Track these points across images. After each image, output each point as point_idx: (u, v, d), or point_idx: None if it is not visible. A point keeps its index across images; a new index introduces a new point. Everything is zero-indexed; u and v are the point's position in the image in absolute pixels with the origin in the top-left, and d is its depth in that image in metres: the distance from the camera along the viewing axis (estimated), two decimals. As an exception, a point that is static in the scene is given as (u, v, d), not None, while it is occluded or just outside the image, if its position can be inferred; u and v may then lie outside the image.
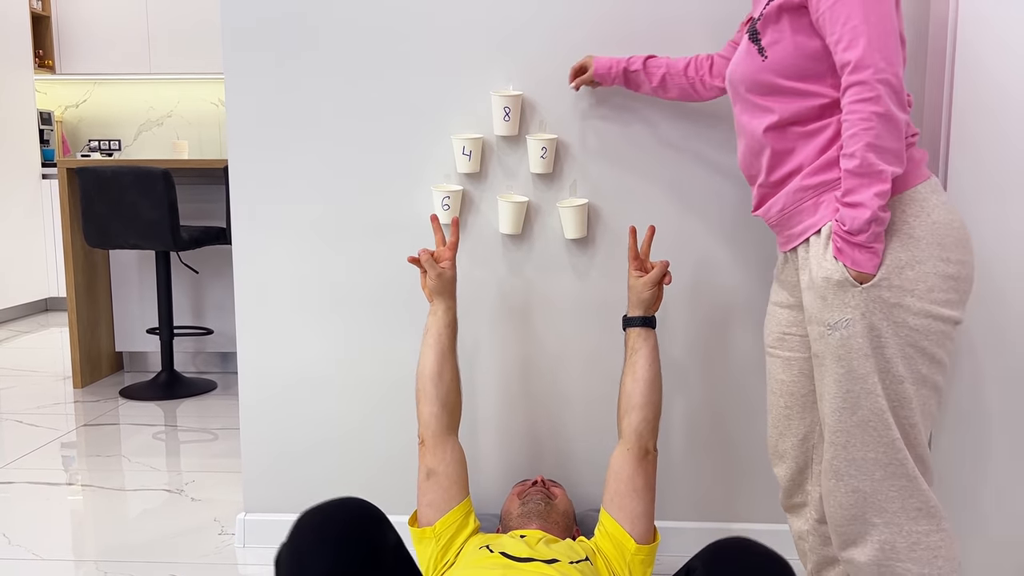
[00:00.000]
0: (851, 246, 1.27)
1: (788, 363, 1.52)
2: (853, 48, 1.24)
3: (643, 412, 1.69)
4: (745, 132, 1.45)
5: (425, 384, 1.75)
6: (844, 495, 1.35)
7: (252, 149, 2.00)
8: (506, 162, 1.96)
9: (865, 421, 1.31)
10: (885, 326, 1.27)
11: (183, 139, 5.97)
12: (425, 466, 1.73)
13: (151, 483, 2.56)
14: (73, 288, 3.61)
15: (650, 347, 1.73)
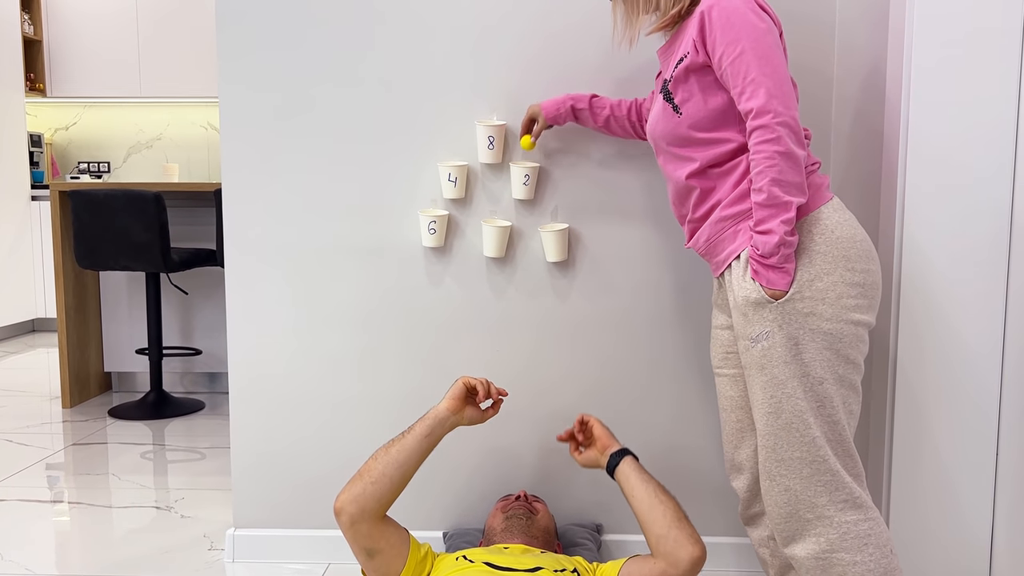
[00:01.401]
0: (765, 267, 1.41)
1: (734, 379, 1.64)
2: (754, 98, 1.40)
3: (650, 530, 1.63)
4: (672, 179, 1.60)
5: (388, 469, 1.64)
6: (778, 494, 1.46)
7: (245, 174, 2.07)
8: (490, 188, 2.04)
9: (789, 423, 1.43)
10: (802, 334, 1.41)
11: (172, 162, 6.03)
12: (360, 548, 1.63)
13: (140, 500, 2.60)
14: (63, 308, 3.66)
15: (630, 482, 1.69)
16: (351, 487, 1.64)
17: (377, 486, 1.62)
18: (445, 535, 2.09)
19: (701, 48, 1.46)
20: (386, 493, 1.63)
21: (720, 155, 1.49)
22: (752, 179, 1.42)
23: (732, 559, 2.10)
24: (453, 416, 1.70)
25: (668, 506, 1.62)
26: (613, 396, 2.09)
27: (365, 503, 1.61)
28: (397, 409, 2.11)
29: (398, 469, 1.64)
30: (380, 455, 1.67)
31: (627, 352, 2.08)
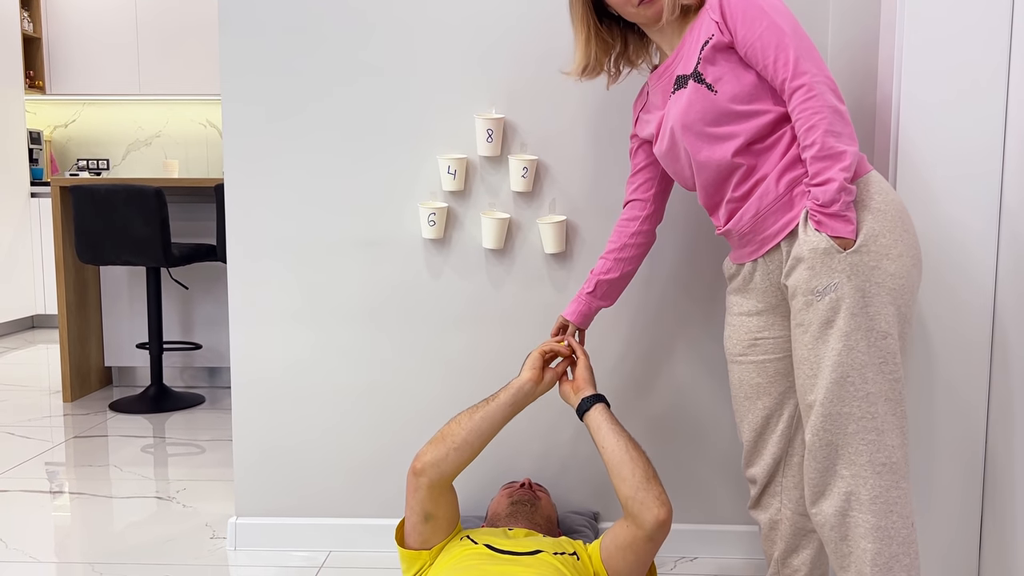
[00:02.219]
0: (828, 216, 1.39)
1: (762, 366, 1.60)
2: (788, 63, 1.40)
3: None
4: (708, 166, 1.53)
5: (470, 436, 1.67)
6: (820, 449, 1.44)
7: (247, 168, 2.10)
8: (489, 181, 2.07)
9: (844, 376, 1.40)
10: (869, 287, 1.39)
11: (171, 159, 6.05)
12: (423, 509, 1.68)
13: (142, 491, 2.63)
14: (64, 303, 3.68)
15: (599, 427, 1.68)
16: (434, 449, 1.67)
17: (460, 452, 1.65)
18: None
19: (724, 28, 1.46)
20: (466, 459, 1.67)
21: (762, 128, 1.47)
22: (802, 137, 1.41)
23: (737, 546, 2.13)
24: (534, 385, 1.71)
25: (638, 463, 1.59)
26: (610, 386, 2.12)
27: (447, 467, 1.65)
28: (399, 399, 2.14)
29: (479, 437, 1.67)
30: (464, 420, 1.69)
31: (623, 342, 2.11)
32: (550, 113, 2.04)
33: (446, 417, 2.13)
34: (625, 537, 1.59)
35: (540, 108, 2.04)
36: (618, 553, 1.61)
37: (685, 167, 1.59)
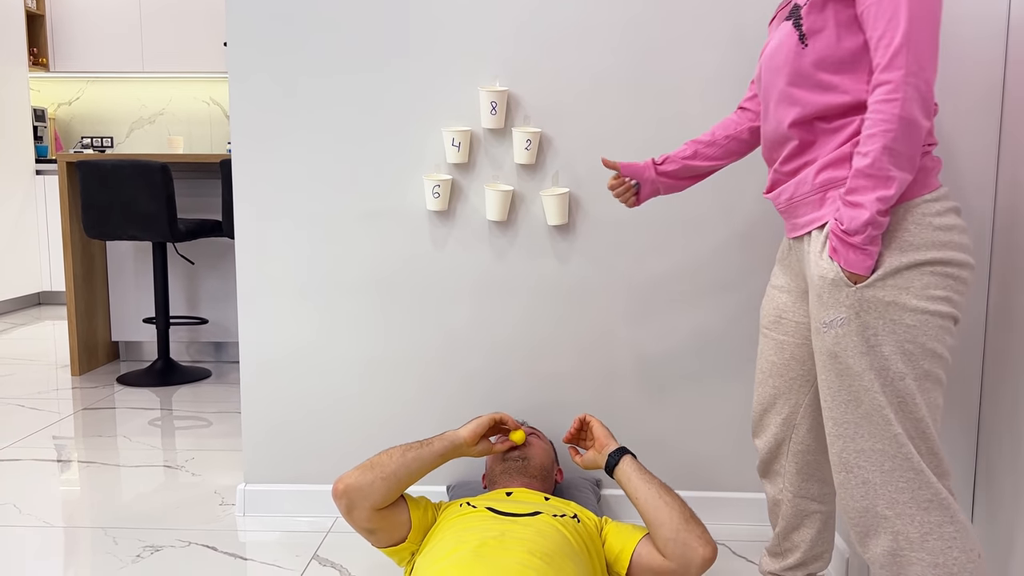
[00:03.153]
0: (846, 246, 1.27)
1: (781, 346, 1.55)
2: (890, 47, 1.23)
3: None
4: (770, 118, 1.44)
5: (399, 471, 1.67)
6: (855, 487, 1.34)
7: (253, 142, 2.12)
8: (493, 153, 2.10)
9: (868, 414, 1.30)
10: (880, 325, 1.27)
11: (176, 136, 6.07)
12: (360, 527, 1.68)
13: (151, 460, 2.67)
14: (71, 278, 3.72)
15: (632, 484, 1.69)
16: (360, 474, 1.65)
17: (387, 483, 1.66)
18: (448, 488, 2.17)
19: None
20: (392, 491, 1.67)
21: (832, 107, 1.33)
22: (860, 140, 1.26)
23: (742, 514, 2.18)
24: (468, 446, 1.79)
25: (674, 507, 1.60)
26: (612, 357, 2.16)
27: (371, 494, 1.64)
28: (405, 368, 2.18)
29: (408, 475, 1.69)
30: (396, 455, 1.70)
31: (626, 315, 2.14)
32: (553, 85, 2.06)
33: (449, 388, 2.17)
34: (660, 567, 1.60)
35: (543, 80, 2.06)
36: (647, 574, 1.63)
37: (763, 103, 1.48)
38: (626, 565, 1.63)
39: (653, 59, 2.04)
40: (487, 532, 1.52)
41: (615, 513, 2.17)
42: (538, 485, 1.86)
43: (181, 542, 2.07)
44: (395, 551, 1.71)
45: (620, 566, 1.64)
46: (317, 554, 2.00)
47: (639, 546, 1.64)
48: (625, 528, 1.70)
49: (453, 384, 2.18)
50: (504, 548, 1.46)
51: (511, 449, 1.90)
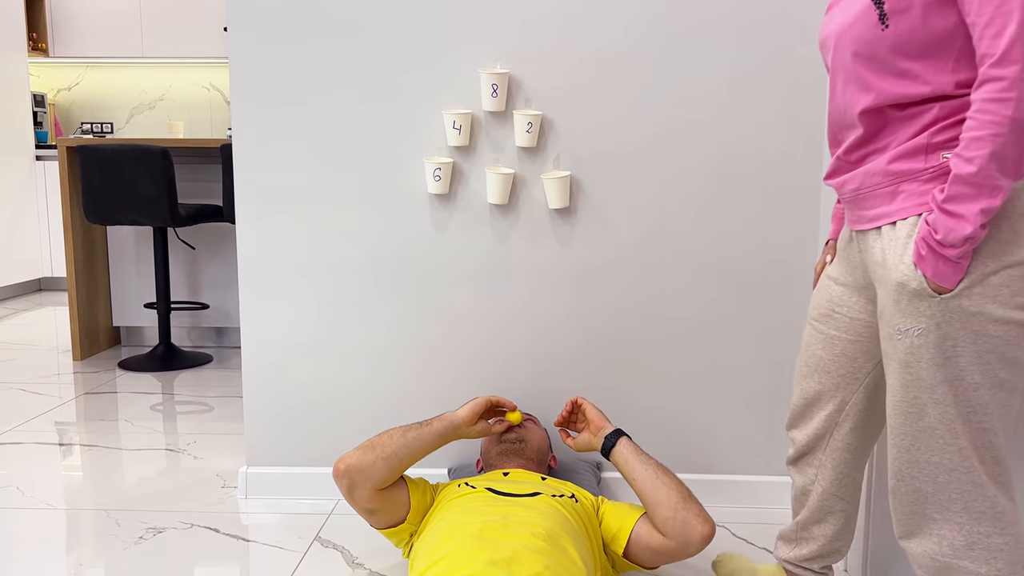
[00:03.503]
0: (936, 257, 1.15)
1: (831, 341, 1.46)
2: (1002, 37, 1.08)
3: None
4: (837, 98, 1.33)
5: (400, 451, 1.69)
6: (905, 494, 1.29)
7: (253, 127, 2.12)
8: (494, 136, 2.09)
9: (931, 428, 1.23)
10: (962, 335, 1.18)
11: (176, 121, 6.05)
12: (360, 507, 1.70)
13: (153, 444, 2.68)
14: (72, 263, 3.72)
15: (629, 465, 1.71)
16: (361, 454, 1.67)
17: (388, 463, 1.67)
18: (450, 471, 2.18)
19: None
20: (393, 471, 1.68)
21: (909, 96, 1.21)
22: (963, 142, 1.12)
23: (743, 497, 2.19)
24: (466, 427, 1.80)
25: (672, 486, 1.62)
26: (612, 340, 2.16)
27: (372, 475, 1.66)
28: (406, 352, 2.18)
29: (408, 456, 1.71)
30: (396, 435, 1.72)
31: (627, 298, 2.14)
32: (555, 68, 2.05)
33: (450, 371, 2.17)
34: (659, 546, 1.62)
35: (545, 63, 2.05)
36: (645, 554, 1.65)
37: (831, 75, 1.36)
38: (624, 544, 1.64)
39: (659, 41, 2.04)
40: (488, 515, 1.53)
41: (615, 495, 2.18)
42: (534, 467, 1.87)
43: (183, 524, 2.08)
44: (394, 532, 1.72)
45: (618, 545, 1.65)
46: (319, 536, 2.01)
47: (637, 525, 1.65)
48: (622, 507, 1.71)
49: (454, 367, 2.18)
50: (506, 531, 1.46)
51: (508, 430, 1.91)
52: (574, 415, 1.88)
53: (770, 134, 2.06)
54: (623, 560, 1.66)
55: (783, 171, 2.07)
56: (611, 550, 1.67)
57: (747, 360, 2.15)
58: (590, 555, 1.57)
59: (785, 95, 2.04)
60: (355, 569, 1.85)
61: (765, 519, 2.11)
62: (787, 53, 2.03)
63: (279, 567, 1.86)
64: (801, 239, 2.10)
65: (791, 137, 2.06)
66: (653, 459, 1.70)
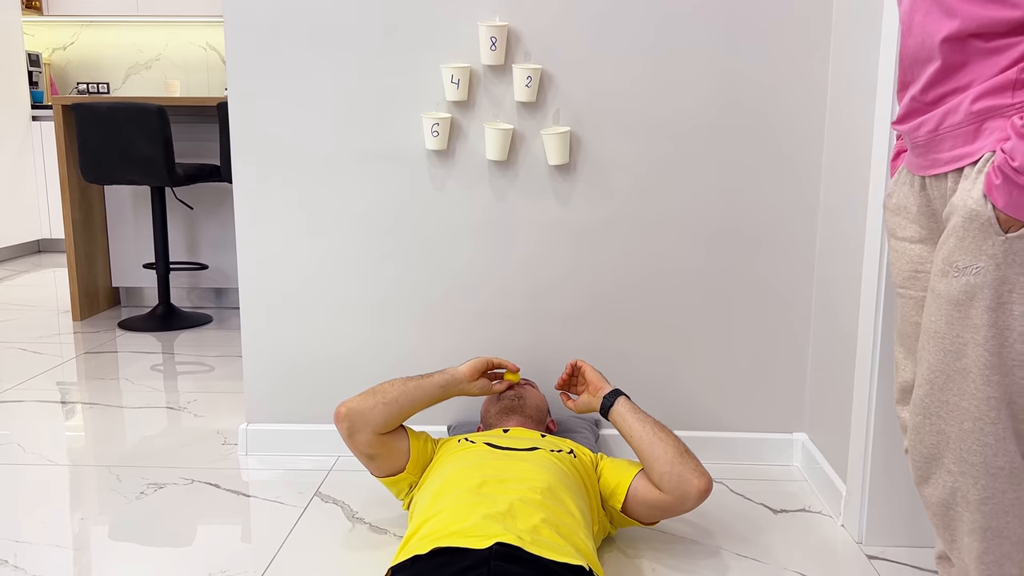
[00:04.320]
0: (1011, 186, 1.07)
1: (922, 305, 1.33)
2: None
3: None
4: (914, 32, 1.22)
5: (401, 398, 1.70)
6: (928, 434, 1.24)
7: (249, 84, 2.09)
8: (492, 91, 2.06)
9: (966, 370, 1.18)
10: (1021, 281, 1.11)
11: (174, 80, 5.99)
12: (359, 452, 1.71)
13: (153, 402, 2.69)
14: (70, 223, 3.70)
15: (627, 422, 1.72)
16: (362, 400, 1.69)
17: (389, 408, 1.69)
18: (450, 428, 2.18)
19: None
20: (393, 418, 1.70)
21: (998, 23, 1.11)
22: None
23: (741, 453, 2.19)
24: (467, 383, 1.80)
25: (668, 442, 1.63)
26: (611, 298, 2.15)
27: (372, 419, 1.67)
28: (403, 310, 2.17)
29: (410, 404, 1.71)
30: (398, 384, 1.73)
31: (628, 255, 2.13)
32: (555, 21, 2.02)
33: (450, 329, 2.17)
34: (657, 500, 1.63)
35: (544, 16, 2.02)
36: (643, 508, 1.66)
37: (904, 14, 1.26)
38: (622, 498, 1.65)
39: (657, -6, 2.00)
40: (486, 469, 1.53)
41: (612, 452, 2.19)
42: (532, 425, 1.87)
43: (184, 480, 2.09)
44: (394, 481, 1.73)
45: (616, 500, 1.66)
46: (319, 491, 2.02)
47: (635, 480, 1.65)
48: (620, 463, 1.72)
49: (454, 325, 2.18)
50: (504, 485, 1.47)
51: (508, 388, 1.91)
52: (574, 378, 1.88)
53: (777, 89, 2.03)
54: (621, 515, 1.67)
55: (789, 127, 2.05)
56: (609, 505, 1.68)
57: (749, 317, 2.14)
58: (588, 508, 1.57)
59: (794, 49, 2.01)
60: (355, 523, 1.86)
61: (764, 475, 2.12)
62: (793, 6, 1.99)
63: (280, 521, 1.87)
64: (804, 197, 2.08)
65: (797, 93, 2.03)
66: (651, 417, 1.71)
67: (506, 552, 1.27)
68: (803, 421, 2.19)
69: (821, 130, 2.05)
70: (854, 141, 1.84)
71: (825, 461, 2.01)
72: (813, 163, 2.06)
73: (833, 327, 1.98)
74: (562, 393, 1.89)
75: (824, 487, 1.98)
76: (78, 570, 1.65)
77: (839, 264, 1.94)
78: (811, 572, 1.66)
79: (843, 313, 1.91)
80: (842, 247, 1.92)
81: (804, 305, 2.13)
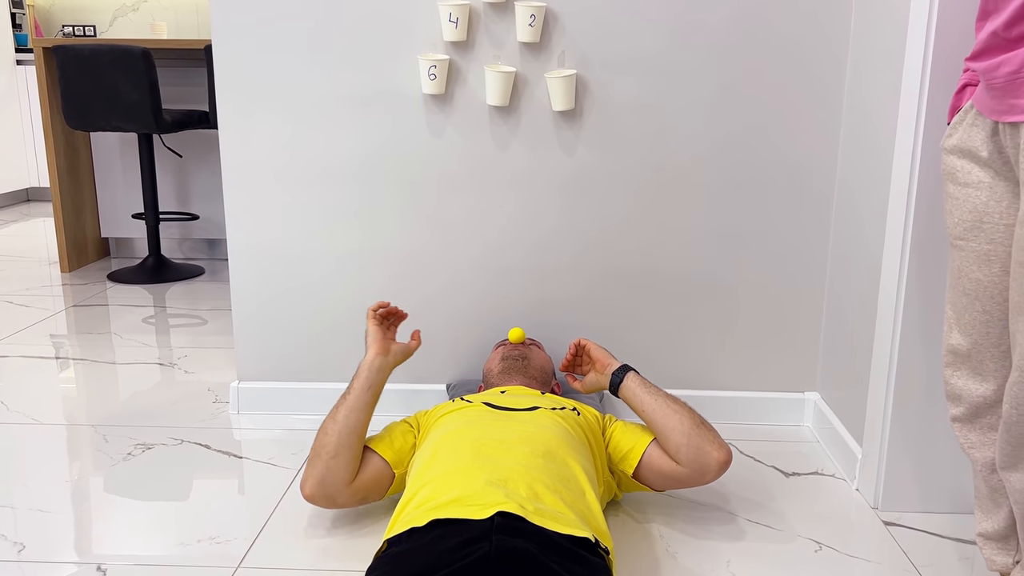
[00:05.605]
0: None
1: (986, 258, 1.20)
2: None
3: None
4: None
5: (342, 438, 1.53)
6: (1017, 425, 1.12)
7: (235, 20, 1.96)
8: (493, 31, 1.93)
9: None
10: None
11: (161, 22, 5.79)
12: (353, 505, 1.59)
13: (143, 357, 2.61)
14: (56, 172, 3.58)
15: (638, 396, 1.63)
16: (312, 470, 1.53)
17: (338, 459, 1.53)
18: (448, 386, 2.10)
19: None
20: (350, 462, 1.54)
21: None
22: None
23: (744, 412, 2.12)
24: (383, 358, 1.61)
25: (683, 413, 1.55)
26: (616, 253, 2.05)
27: (332, 481, 1.53)
28: (398, 263, 2.07)
29: (353, 434, 1.54)
30: (329, 427, 1.55)
31: (634, 207, 2.02)
32: (560, -45, 1.88)
33: (448, 282, 2.08)
34: (673, 471, 1.55)
35: (549, -51, 1.88)
36: (656, 477, 1.58)
37: None
38: (635, 463, 1.57)
39: (670, -76, 1.86)
40: (484, 430, 1.45)
41: (618, 413, 2.11)
42: (536, 386, 1.79)
43: (173, 440, 2.01)
44: (396, 488, 1.61)
45: (627, 464, 1.58)
46: (313, 452, 1.95)
47: (651, 447, 1.58)
48: (634, 427, 1.64)
49: (449, 278, 2.08)
50: (504, 447, 1.39)
51: (512, 348, 1.83)
52: (578, 358, 1.78)
53: (795, 29, 1.90)
54: (632, 480, 1.60)
55: (806, 70, 1.93)
56: (619, 469, 1.60)
57: (759, 273, 2.05)
58: (592, 467, 1.50)
59: (811, -15, 1.88)
60: (350, 486, 1.79)
61: (774, 436, 2.05)
62: (815, -62, 1.85)
63: (273, 484, 1.80)
64: (823, 147, 1.97)
65: (816, 31, 1.90)
66: (663, 390, 1.62)
67: (508, 524, 1.19)
68: (815, 380, 2.11)
69: (842, 72, 1.92)
70: (880, 79, 1.72)
71: (839, 421, 1.94)
72: (833, 105, 1.94)
73: (851, 280, 1.89)
74: (568, 375, 1.79)
75: (838, 449, 1.91)
76: (59, 535, 1.58)
77: (859, 212, 1.84)
78: (826, 538, 1.59)
79: (863, 265, 1.81)
80: (864, 194, 1.81)
81: (819, 256, 2.03)
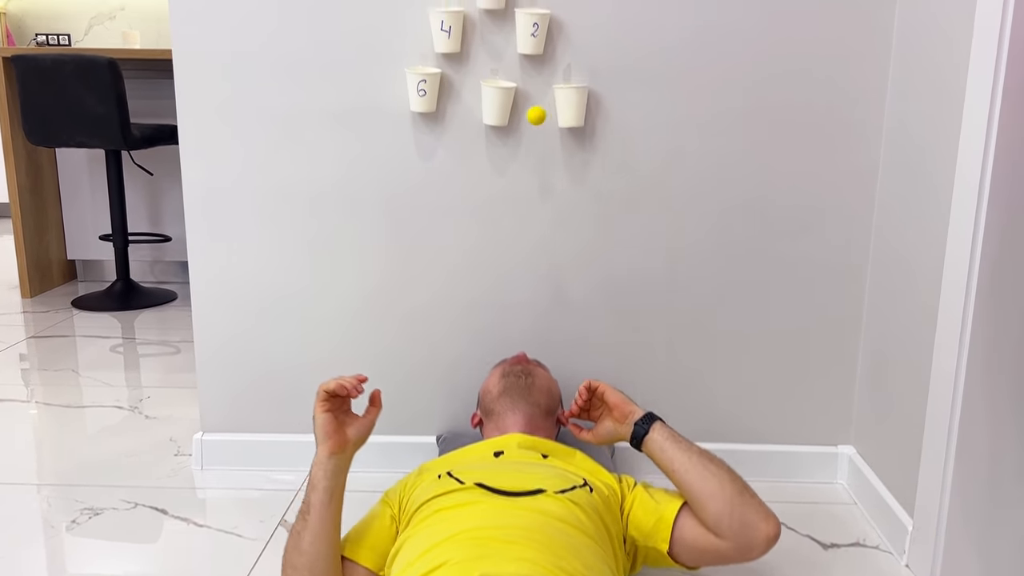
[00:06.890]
0: None
1: None
2: None
3: None
4: None
5: (315, 551, 1.28)
6: None
7: (198, 27, 1.73)
8: (491, 41, 1.71)
9: None
10: None
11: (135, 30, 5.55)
12: None
13: (104, 399, 2.36)
14: (16, 191, 3.34)
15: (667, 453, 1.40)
16: None
17: (315, 570, 1.28)
18: (439, 439, 1.87)
19: None
20: (330, 566, 1.29)
21: None
22: None
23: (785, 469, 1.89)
24: (339, 457, 1.33)
25: (723, 477, 1.33)
26: (631, 288, 1.83)
27: None
28: (381, 299, 1.84)
29: (325, 543, 1.29)
30: (296, 561, 1.29)
31: (649, 238, 1.80)
32: (567, -45, 1.66)
33: (437, 322, 1.86)
34: (712, 546, 1.32)
35: (554, -51, 1.67)
36: (691, 553, 1.35)
37: None
38: (667, 540, 1.34)
39: (691, -79, 1.65)
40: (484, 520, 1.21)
41: (632, 467, 1.88)
42: (540, 419, 1.56)
43: (126, 503, 1.77)
44: None
45: (657, 541, 1.35)
46: (284, 519, 1.71)
47: (680, 518, 1.35)
48: (657, 493, 1.40)
49: (442, 317, 1.85)
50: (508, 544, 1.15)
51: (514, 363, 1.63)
52: (588, 402, 1.51)
53: (825, 37, 1.69)
54: (664, 556, 1.36)
55: (838, 85, 1.71)
56: (647, 546, 1.36)
57: (788, 310, 1.83)
58: (611, 557, 1.26)
59: (849, -9, 1.67)
60: (326, 564, 1.55)
61: (805, 496, 1.83)
62: (854, -63, 1.65)
63: (236, 559, 1.56)
64: (858, 170, 1.75)
65: (850, 43, 1.69)
66: (695, 445, 1.39)
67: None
68: (849, 432, 1.89)
69: (883, 93, 1.71)
70: (931, 89, 1.51)
71: (880, 482, 1.72)
72: (874, 122, 1.73)
73: (897, 321, 1.67)
74: (572, 424, 1.54)
75: (880, 515, 1.69)
76: (-19, 634, 1.34)
77: (908, 240, 1.62)
78: (880, 632, 1.37)
79: (912, 301, 1.59)
80: (915, 219, 1.59)
81: (856, 291, 1.82)
